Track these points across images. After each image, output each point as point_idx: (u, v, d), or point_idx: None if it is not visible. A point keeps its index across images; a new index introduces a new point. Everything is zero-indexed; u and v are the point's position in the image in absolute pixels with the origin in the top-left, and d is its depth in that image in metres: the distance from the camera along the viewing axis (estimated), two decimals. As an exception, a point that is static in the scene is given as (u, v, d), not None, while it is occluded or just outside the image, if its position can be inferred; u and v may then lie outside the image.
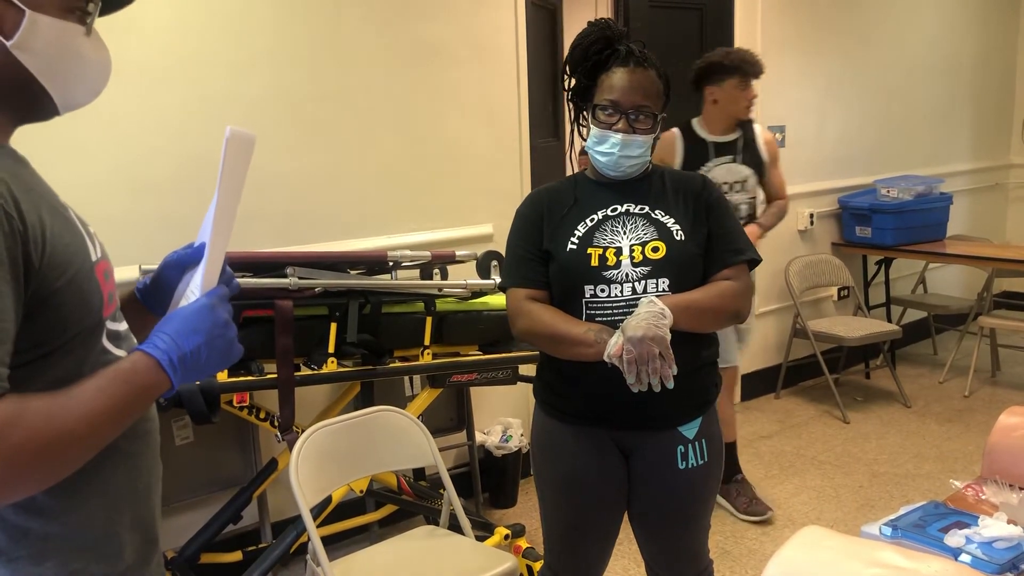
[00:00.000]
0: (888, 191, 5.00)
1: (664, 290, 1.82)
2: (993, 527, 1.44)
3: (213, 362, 1.09)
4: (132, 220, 2.71)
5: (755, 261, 1.94)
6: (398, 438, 2.47)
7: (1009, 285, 6.01)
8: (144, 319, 1.26)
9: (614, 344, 1.71)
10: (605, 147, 1.87)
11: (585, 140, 1.94)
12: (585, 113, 1.92)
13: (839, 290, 5.23)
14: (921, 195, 5.02)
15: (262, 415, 2.71)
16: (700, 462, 1.92)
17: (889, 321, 5.29)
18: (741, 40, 4.45)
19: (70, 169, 2.60)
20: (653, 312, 1.72)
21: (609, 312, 1.82)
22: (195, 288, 1.14)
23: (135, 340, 1.19)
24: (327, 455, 2.31)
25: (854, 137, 5.24)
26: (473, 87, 3.48)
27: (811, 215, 5.01)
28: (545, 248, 1.90)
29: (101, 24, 1.11)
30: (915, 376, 5.22)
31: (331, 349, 2.61)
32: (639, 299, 1.80)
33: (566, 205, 1.93)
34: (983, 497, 1.79)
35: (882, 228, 4.96)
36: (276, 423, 2.67)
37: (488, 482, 3.63)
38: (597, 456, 1.91)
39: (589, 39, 1.87)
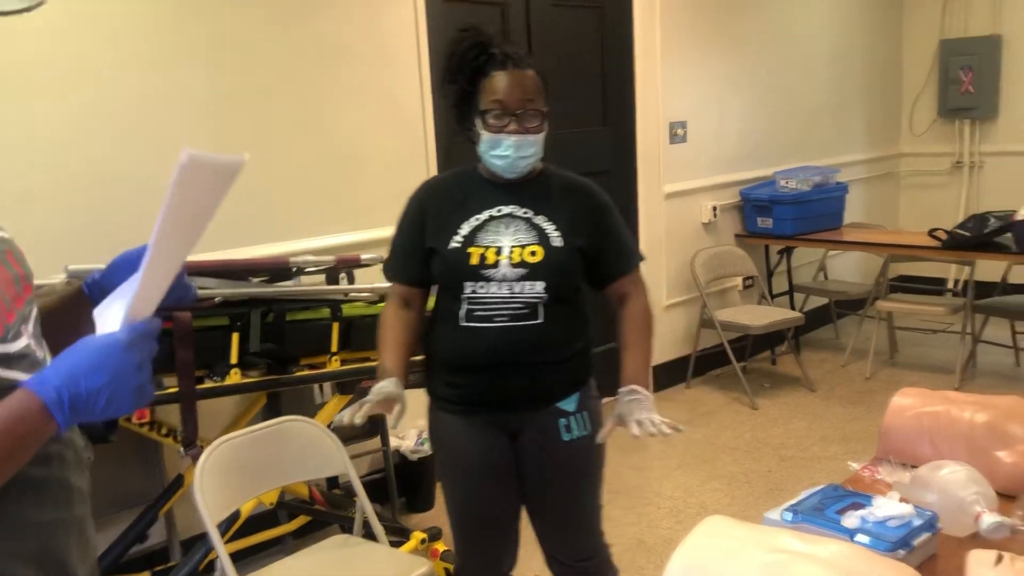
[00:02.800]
0: (787, 182, 5.15)
1: (540, 292, 1.93)
2: (886, 506, 1.49)
3: (115, 406, 0.95)
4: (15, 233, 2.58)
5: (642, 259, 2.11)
6: (307, 448, 2.42)
7: (904, 269, 6.26)
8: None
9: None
10: (499, 151, 1.92)
11: (476, 144, 1.98)
12: (474, 119, 1.95)
13: (744, 280, 5.37)
14: (818, 185, 5.19)
15: (164, 431, 2.63)
16: (583, 432, 2.04)
17: (792, 308, 5.45)
18: (641, 39, 4.52)
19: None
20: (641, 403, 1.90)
21: (488, 307, 1.93)
22: (117, 316, 0.99)
23: (43, 356, 1.09)
24: (234, 468, 2.26)
25: (753, 131, 5.38)
26: (377, 87, 3.44)
27: (714, 208, 5.12)
28: (428, 246, 1.98)
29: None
30: (819, 361, 5.39)
31: (234, 360, 2.55)
32: (516, 297, 1.92)
33: (454, 202, 1.99)
34: (879, 477, 1.86)
35: (782, 218, 5.10)
36: (179, 438, 2.60)
37: (404, 487, 3.60)
38: (485, 440, 2.03)
39: (463, 46, 1.92)
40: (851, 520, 1.47)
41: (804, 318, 5.05)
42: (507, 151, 1.91)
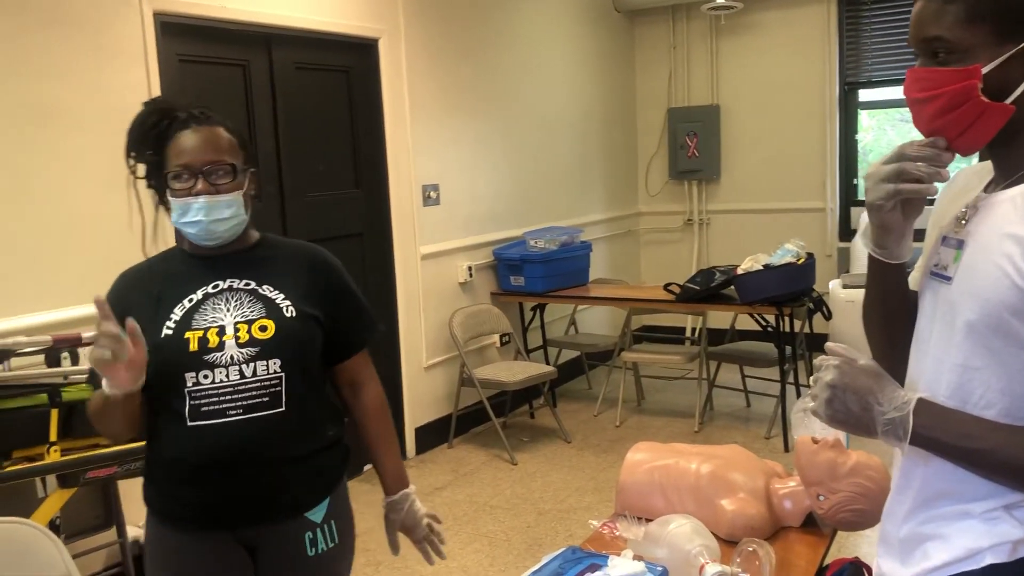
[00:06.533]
0: (535, 242, 5.36)
1: (276, 371, 1.71)
2: (620, 566, 1.54)
3: None
4: None
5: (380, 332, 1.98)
6: (21, 553, 2.15)
7: (648, 320, 6.69)
8: None
9: None
10: (190, 217, 1.70)
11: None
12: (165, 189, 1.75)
13: (501, 337, 5.49)
14: (564, 244, 5.44)
15: None
16: (330, 544, 1.83)
17: (547, 362, 5.64)
18: (389, 102, 4.56)
19: None
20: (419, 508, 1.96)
21: (216, 400, 1.68)
22: None
23: None
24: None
25: (503, 192, 5.57)
26: (100, 152, 3.21)
27: (469, 268, 5.23)
28: None
29: None
30: (573, 411, 5.60)
31: (-72, 459, 2.24)
32: (249, 382, 1.69)
33: (160, 287, 1.76)
34: (617, 534, 1.93)
35: (533, 277, 5.30)
36: None
37: (146, 580, 3.31)
38: (220, 562, 1.76)
39: (143, 117, 1.75)
40: (588, 584, 1.50)
41: (557, 371, 5.23)
42: (198, 215, 1.69)
